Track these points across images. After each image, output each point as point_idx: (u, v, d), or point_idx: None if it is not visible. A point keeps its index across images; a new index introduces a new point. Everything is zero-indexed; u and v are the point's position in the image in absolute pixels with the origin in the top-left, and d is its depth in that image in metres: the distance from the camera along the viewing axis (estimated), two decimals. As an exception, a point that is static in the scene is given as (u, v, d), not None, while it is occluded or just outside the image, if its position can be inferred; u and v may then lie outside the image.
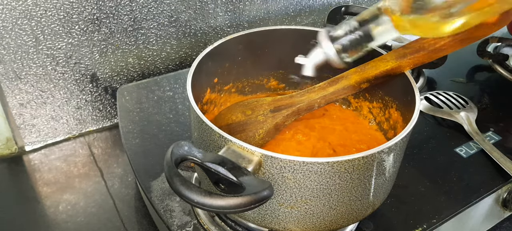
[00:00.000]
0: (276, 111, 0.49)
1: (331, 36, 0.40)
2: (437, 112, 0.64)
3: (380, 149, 0.35)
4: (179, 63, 0.71)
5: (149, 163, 0.53)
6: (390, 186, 0.43)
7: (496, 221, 0.58)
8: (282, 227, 0.39)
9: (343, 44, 0.40)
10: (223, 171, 0.32)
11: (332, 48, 0.40)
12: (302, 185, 0.35)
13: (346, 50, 0.40)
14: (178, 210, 0.47)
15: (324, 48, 0.40)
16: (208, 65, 0.46)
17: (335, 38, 0.40)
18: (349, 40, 0.39)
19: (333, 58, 0.40)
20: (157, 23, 0.65)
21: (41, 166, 0.60)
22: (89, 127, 0.67)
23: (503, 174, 0.54)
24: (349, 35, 0.39)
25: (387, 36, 0.38)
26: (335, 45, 0.40)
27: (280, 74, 0.56)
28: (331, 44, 0.40)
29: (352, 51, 0.40)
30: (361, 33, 0.39)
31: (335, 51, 0.40)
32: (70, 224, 0.52)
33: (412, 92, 0.42)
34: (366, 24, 0.38)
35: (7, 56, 0.55)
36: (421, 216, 0.48)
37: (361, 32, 0.39)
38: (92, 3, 0.58)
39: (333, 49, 0.40)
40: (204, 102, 0.49)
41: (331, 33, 0.40)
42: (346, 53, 0.40)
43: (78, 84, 0.63)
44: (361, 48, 0.40)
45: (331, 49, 0.40)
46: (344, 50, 0.40)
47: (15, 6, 0.53)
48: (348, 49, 0.40)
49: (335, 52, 0.40)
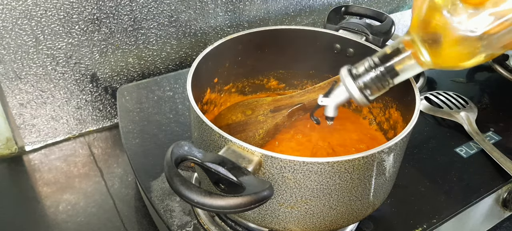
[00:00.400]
0: (276, 111, 0.49)
1: (353, 74, 0.38)
2: (437, 112, 0.64)
3: (380, 149, 0.35)
4: (179, 63, 0.71)
5: (149, 163, 0.53)
6: (390, 186, 0.43)
7: (496, 221, 0.58)
8: (282, 227, 0.39)
9: (365, 82, 0.37)
10: (223, 171, 0.32)
11: (355, 87, 0.38)
12: (302, 185, 0.35)
13: (369, 88, 0.38)
14: (178, 210, 0.47)
15: (347, 87, 0.38)
16: (208, 65, 0.46)
17: (357, 75, 0.38)
18: (371, 77, 0.37)
19: (357, 97, 0.38)
20: (157, 23, 0.65)
21: (41, 166, 0.60)
22: (89, 127, 0.67)
23: (503, 174, 0.54)
24: (372, 72, 0.37)
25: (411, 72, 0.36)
26: (358, 82, 0.38)
27: (280, 74, 0.56)
28: (353, 83, 0.38)
29: (375, 89, 0.38)
30: (383, 69, 0.37)
31: (358, 91, 0.38)
32: (70, 224, 0.52)
33: (412, 92, 0.42)
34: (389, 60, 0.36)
35: (7, 56, 0.55)
36: (421, 216, 0.48)
37: (383, 68, 0.37)
38: (92, 3, 0.58)
39: (356, 87, 0.38)
40: (204, 102, 0.49)
41: (353, 71, 0.38)
42: (369, 91, 0.38)
43: (78, 84, 0.63)
44: (384, 85, 0.37)
45: (355, 89, 0.38)
46: (367, 87, 0.38)
47: (15, 6, 0.53)
48: (371, 87, 0.38)
49: (359, 91, 0.38)
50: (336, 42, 0.51)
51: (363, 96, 0.38)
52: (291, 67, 0.55)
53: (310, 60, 0.54)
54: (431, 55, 0.34)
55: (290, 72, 0.56)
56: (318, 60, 0.53)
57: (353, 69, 0.38)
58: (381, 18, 0.55)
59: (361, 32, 0.51)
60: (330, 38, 0.51)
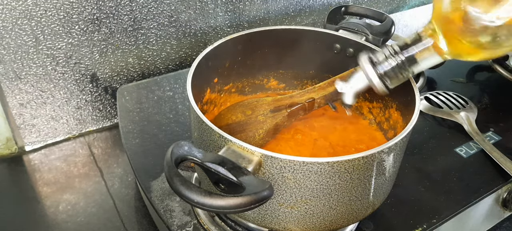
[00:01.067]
0: (276, 112, 0.49)
1: (373, 61, 0.38)
2: (437, 112, 0.64)
3: (380, 149, 0.35)
4: (179, 63, 0.71)
5: (149, 163, 0.53)
6: (390, 186, 0.43)
7: (496, 221, 0.58)
8: (282, 227, 0.39)
9: (385, 70, 0.37)
10: (223, 171, 0.32)
11: (375, 74, 0.37)
12: (302, 185, 0.35)
13: (389, 76, 0.37)
14: (178, 210, 0.47)
15: (367, 74, 0.38)
16: (208, 65, 0.46)
17: (377, 63, 0.38)
18: (391, 65, 0.37)
19: (377, 84, 0.38)
20: (157, 23, 0.65)
21: (41, 166, 0.60)
22: (89, 127, 0.67)
23: (503, 174, 0.54)
24: (392, 60, 0.37)
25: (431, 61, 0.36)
26: (377, 70, 0.37)
27: (280, 74, 0.56)
28: (373, 69, 0.37)
29: (394, 78, 0.38)
30: (404, 58, 0.36)
31: (378, 78, 0.37)
32: (70, 224, 0.52)
33: (412, 92, 0.42)
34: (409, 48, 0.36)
35: (7, 56, 0.55)
36: (421, 216, 0.48)
37: (403, 57, 0.36)
38: (92, 3, 0.58)
39: (377, 75, 0.37)
40: (204, 102, 0.49)
41: (372, 58, 0.38)
42: (388, 79, 0.38)
43: (78, 84, 0.63)
44: (404, 74, 0.37)
45: (374, 75, 0.37)
46: (386, 75, 0.37)
47: (15, 6, 0.53)
48: (391, 75, 0.37)
49: (378, 78, 0.37)
50: (336, 42, 0.51)
51: (383, 84, 0.38)
52: (291, 67, 0.55)
53: (310, 60, 0.54)
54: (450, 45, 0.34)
55: (290, 72, 0.56)
56: (318, 60, 0.53)
57: (373, 56, 0.38)
58: (381, 18, 0.55)
59: (361, 32, 0.51)
60: (330, 38, 0.51)
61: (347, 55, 0.51)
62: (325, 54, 0.52)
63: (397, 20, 0.94)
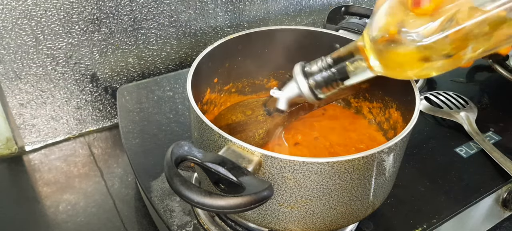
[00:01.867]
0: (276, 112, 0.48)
1: (306, 72, 0.40)
2: (437, 112, 0.64)
3: (380, 149, 0.35)
4: (179, 63, 0.71)
5: (149, 163, 0.53)
6: (390, 186, 0.43)
7: (496, 221, 0.58)
8: (282, 227, 0.39)
9: (317, 81, 0.39)
10: (223, 171, 0.32)
11: (305, 84, 0.40)
12: (302, 185, 0.35)
13: (320, 87, 0.40)
14: (178, 210, 0.47)
15: (298, 83, 0.40)
16: (208, 65, 0.46)
17: (310, 73, 0.40)
18: (323, 77, 0.39)
19: (306, 94, 0.40)
20: (157, 23, 0.65)
21: (41, 166, 0.60)
22: (89, 127, 0.67)
23: (503, 174, 0.54)
24: (324, 72, 0.39)
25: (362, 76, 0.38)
26: (310, 80, 0.40)
27: (280, 74, 0.56)
28: (304, 79, 0.40)
29: (326, 88, 0.40)
30: (335, 70, 0.38)
31: (308, 87, 0.40)
32: (70, 224, 0.52)
33: (412, 92, 0.42)
34: (341, 62, 0.38)
35: (7, 56, 0.55)
36: (421, 216, 0.48)
37: (335, 69, 0.38)
38: (92, 3, 0.58)
39: (306, 85, 0.40)
40: (204, 102, 0.49)
41: (306, 69, 0.40)
42: (320, 90, 0.40)
43: (78, 84, 0.63)
44: (335, 86, 0.39)
45: (304, 85, 0.40)
46: (318, 86, 0.40)
47: (15, 6, 0.53)
48: (322, 86, 0.40)
49: (308, 88, 0.40)
50: (336, 42, 0.51)
51: (312, 94, 0.40)
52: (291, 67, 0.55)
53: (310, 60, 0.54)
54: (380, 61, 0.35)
55: (290, 72, 0.56)
56: (318, 60, 0.53)
57: (307, 66, 0.40)
58: (381, 18, 0.55)
59: (361, 32, 0.51)
60: (330, 38, 0.51)
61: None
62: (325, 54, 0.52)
63: (397, 20, 0.93)
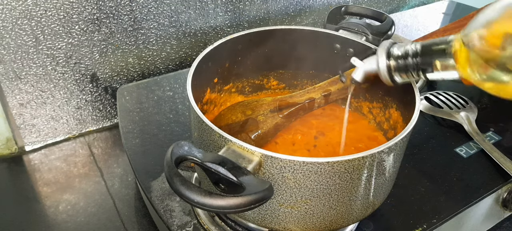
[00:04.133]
0: (276, 111, 0.49)
1: (390, 52, 0.38)
2: (437, 112, 0.64)
3: (380, 149, 0.35)
4: (179, 63, 0.71)
5: (149, 163, 0.53)
6: (390, 186, 0.43)
7: (496, 221, 0.58)
8: (282, 227, 0.39)
9: (399, 64, 0.38)
10: (223, 171, 0.32)
11: (384, 64, 0.38)
12: (302, 185, 0.35)
13: (400, 71, 0.38)
14: (178, 210, 0.47)
15: (378, 62, 0.39)
16: (208, 65, 0.46)
17: (393, 55, 0.38)
18: (405, 63, 0.37)
19: (383, 73, 0.39)
20: (157, 23, 0.65)
21: (41, 166, 0.60)
22: (89, 127, 0.67)
23: (503, 174, 0.54)
24: (408, 59, 0.37)
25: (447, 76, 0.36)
26: (391, 61, 0.38)
27: (280, 74, 0.56)
28: (385, 59, 0.38)
29: (405, 75, 0.38)
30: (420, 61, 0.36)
31: (386, 68, 0.38)
32: (70, 224, 0.52)
33: (412, 92, 0.42)
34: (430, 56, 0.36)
35: (7, 56, 0.55)
36: (421, 216, 0.48)
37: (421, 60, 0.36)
38: (92, 3, 0.58)
39: (385, 64, 0.38)
40: (204, 102, 0.49)
41: (391, 49, 0.38)
42: (398, 75, 0.38)
43: (78, 84, 0.63)
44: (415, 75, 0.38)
45: (384, 65, 0.38)
46: (397, 69, 0.38)
47: (15, 6, 0.53)
48: (402, 71, 0.38)
49: (386, 68, 0.38)
50: (336, 42, 0.51)
51: (389, 75, 0.38)
52: (291, 67, 0.55)
53: (310, 60, 0.54)
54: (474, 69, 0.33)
55: (290, 72, 0.56)
56: (318, 60, 0.53)
57: (393, 47, 0.38)
58: (381, 18, 0.55)
59: (361, 32, 0.51)
60: (330, 38, 0.51)
61: (347, 55, 0.51)
62: (325, 54, 0.52)
63: (397, 20, 0.94)
